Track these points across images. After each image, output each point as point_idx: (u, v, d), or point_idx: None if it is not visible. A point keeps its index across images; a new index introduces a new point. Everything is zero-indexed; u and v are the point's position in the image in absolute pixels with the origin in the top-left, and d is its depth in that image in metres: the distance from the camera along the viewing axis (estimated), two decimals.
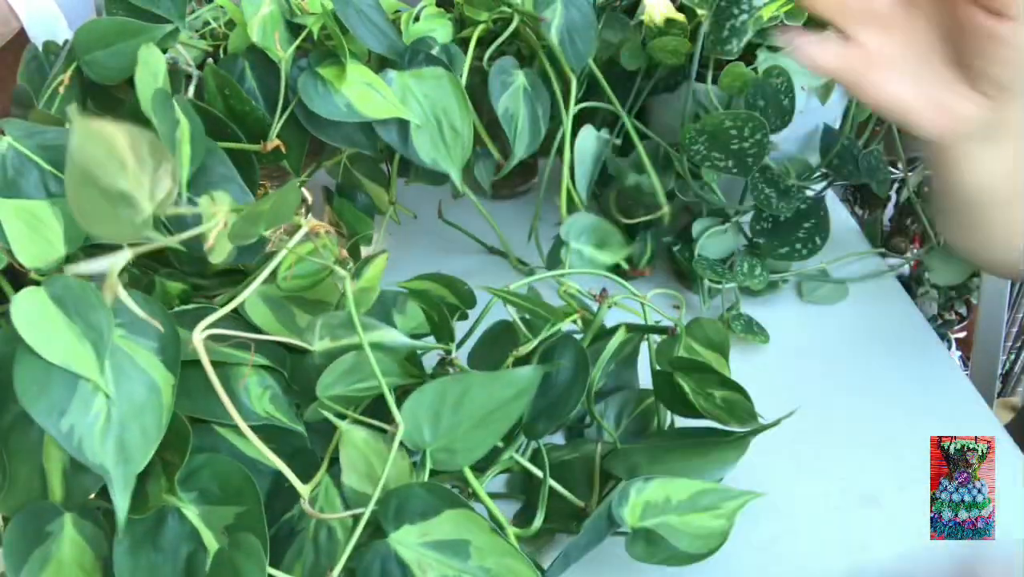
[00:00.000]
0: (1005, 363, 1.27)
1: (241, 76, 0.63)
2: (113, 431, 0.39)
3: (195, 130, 0.51)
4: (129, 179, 0.32)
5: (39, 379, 0.38)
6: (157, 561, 0.42)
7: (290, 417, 0.47)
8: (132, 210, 0.33)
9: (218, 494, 0.43)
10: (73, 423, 0.38)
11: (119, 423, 0.39)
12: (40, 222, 0.43)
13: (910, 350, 0.71)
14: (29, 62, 0.63)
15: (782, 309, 0.75)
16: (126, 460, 0.39)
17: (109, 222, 0.33)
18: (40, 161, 0.45)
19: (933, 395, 0.67)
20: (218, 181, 0.54)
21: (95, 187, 0.32)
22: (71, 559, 0.43)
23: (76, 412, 0.38)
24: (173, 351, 0.42)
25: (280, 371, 0.48)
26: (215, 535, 0.42)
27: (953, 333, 1.17)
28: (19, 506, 0.42)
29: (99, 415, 0.39)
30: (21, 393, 0.38)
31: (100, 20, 0.56)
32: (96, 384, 0.39)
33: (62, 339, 0.39)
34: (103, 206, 0.33)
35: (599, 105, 0.72)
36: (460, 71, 0.66)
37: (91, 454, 0.38)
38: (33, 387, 0.38)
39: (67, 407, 0.38)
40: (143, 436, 0.40)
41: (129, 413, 0.40)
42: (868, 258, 0.80)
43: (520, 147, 0.68)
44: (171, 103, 0.50)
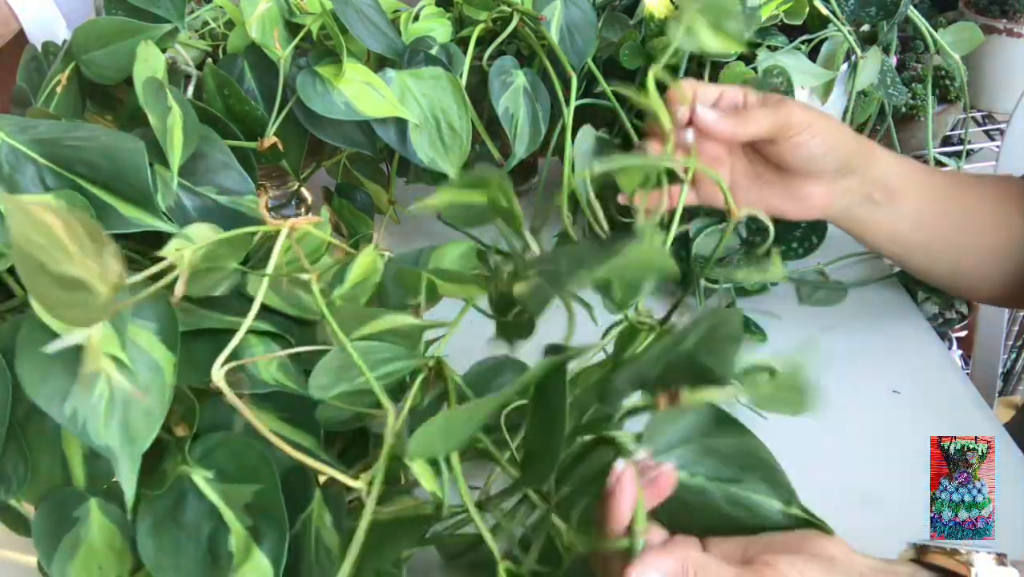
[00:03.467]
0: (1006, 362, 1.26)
1: (240, 76, 0.63)
2: (117, 412, 0.39)
3: (188, 118, 0.52)
4: (76, 265, 0.32)
5: (41, 366, 0.38)
6: (180, 539, 0.42)
7: (300, 384, 0.46)
8: (89, 294, 0.32)
9: (235, 473, 0.43)
10: (76, 406, 0.38)
11: (123, 404, 0.40)
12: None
13: (910, 350, 0.71)
14: (28, 62, 0.63)
15: (782, 310, 0.75)
16: (131, 440, 0.39)
17: (71, 307, 0.33)
18: (36, 156, 0.45)
19: (933, 395, 0.67)
20: (217, 168, 0.54)
21: (47, 275, 0.31)
22: (101, 542, 0.43)
23: (79, 395, 0.39)
24: (173, 332, 0.42)
25: (287, 338, 0.48)
26: (236, 514, 0.42)
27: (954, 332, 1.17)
28: (44, 494, 0.43)
29: (102, 397, 0.39)
30: (24, 380, 0.38)
31: (98, 20, 0.56)
32: (120, 360, 0.39)
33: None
34: (60, 293, 0.32)
35: (599, 103, 0.72)
36: (459, 71, 0.66)
37: (96, 436, 0.39)
38: (35, 374, 0.38)
39: (69, 391, 0.39)
40: (147, 416, 0.40)
41: (132, 393, 0.40)
42: (868, 260, 0.80)
43: (520, 147, 0.68)
44: (164, 92, 0.50)
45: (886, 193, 0.61)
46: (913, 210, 0.62)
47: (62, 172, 0.45)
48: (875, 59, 0.73)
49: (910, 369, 0.69)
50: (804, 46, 0.73)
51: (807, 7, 0.72)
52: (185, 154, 0.51)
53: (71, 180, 0.46)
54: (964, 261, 0.65)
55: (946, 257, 0.65)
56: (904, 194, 0.62)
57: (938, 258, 0.65)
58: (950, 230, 0.63)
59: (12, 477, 0.42)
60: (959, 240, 0.64)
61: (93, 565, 0.43)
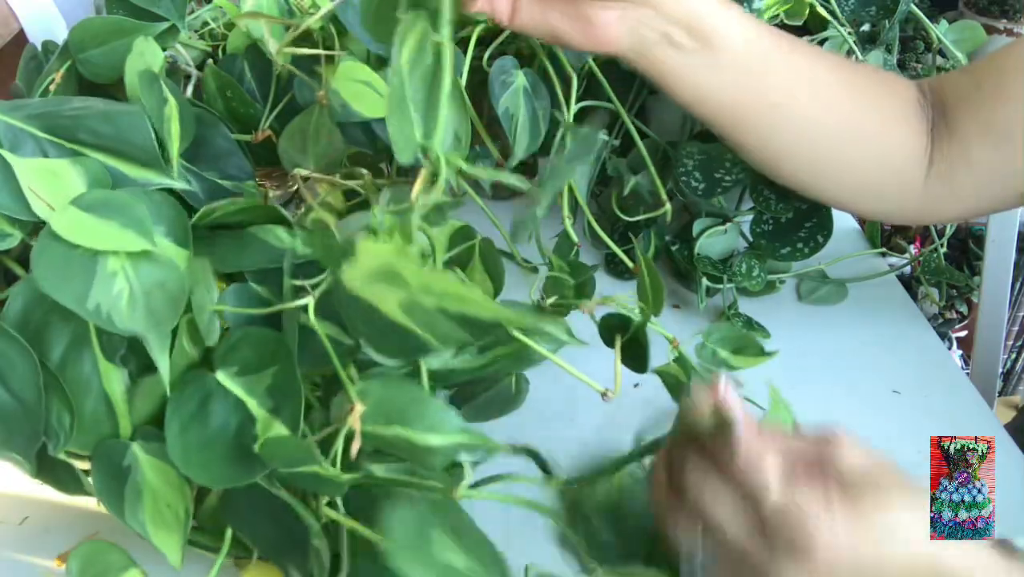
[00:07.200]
0: (1006, 362, 1.27)
1: (240, 76, 0.63)
2: (139, 302, 0.42)
3: (183, 108, 0.52)
4: None
5: (59, 268, 0.41)
6: (209, 436, 0.44)
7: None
8: None
9: (255, 362, 0.45)
10: (99, 301, 0.41)
11: (143, 294, 0.42)
12: (60, 179, 0.44)
13: (910, 350, 0.71)
14: (28, 62, 0.63)
15: (782, 309, 0.75)
16: (157, 322, 0.42)
17: None
18: (34, 130, 0.45)
19: (933, 395, 0.67)
20: (219, 155, 0.56)
21: None
22: (159, 482, 0.45)
23: (100, 292, 0.41)
24: (182, 231, 0.45)
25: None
26: (259, 401, 0.44)
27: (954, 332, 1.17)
28: (92, 440, 0.45)
29: (122, 292, 0.42)
30: (44, 285, 0.40)
31: (95, 19, 0.56)
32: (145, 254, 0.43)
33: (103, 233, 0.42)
34: None
35: (599, 104, 0.72)
36: (459, 71, 0.66)
37: (121, 323, 0.41)
38: (55, 276, 0.40)
39: (90, 289, 0.41)
40: (168, 300, 0.43)
41: (151, 285, 0.43)
42: (868, 258, 0.80)
43: (520, 147, 0.68)
44: (158, 82, 0.50)
45: (695, 37, 0.51)
46: (733, 65, 0.53)
47: (63, 143, 0.46)
48: (876, 60, 0.73)
49: (910, 369, 0.69)
50: None
51: (807, 7, 0.72)
52: (183, 144, 0.51)
53: (73, 149, 0.46)
54: (796, 148, 0.56)
55: (772, 138, 0.56)
56: (724, 44, 0.52)
57: (762, 138, 0.56)
58: (784, 100, 0.54)
59: (59, 430, 0.44)
60: (797, 118, 0.55)
61: (162, 505, 0.45)
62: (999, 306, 1.03)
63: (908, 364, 0.69)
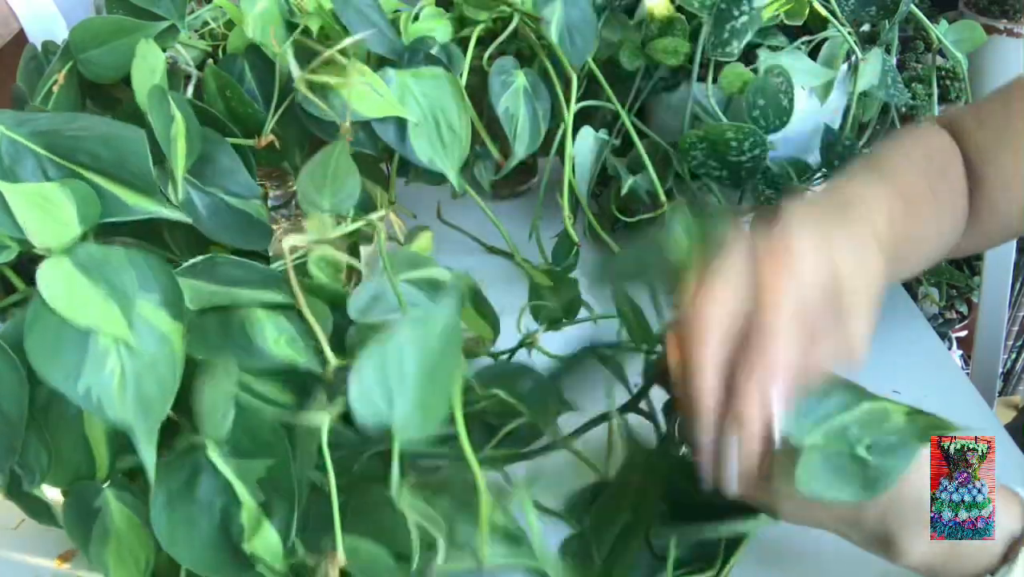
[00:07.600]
0: (1006, 362, 1.26)
1: (240, 76, 0.63)
2: (130, 386, 0.40)
3: (190, 125, 0.52)
4: None
5: (51, 344, 0.39)
6: (193, 513, 0.42)
7: (309, 358, 0.46)
8: None
9: (249, 447, 0.43)
10: (90, 384, 0.39)
11: (135, 377, 0.40)
12: (51, 204, 0.43)
13: (910, 350, 0.71)
14: (28, 62, 0.63)
15: None
16: (146, 412, 0.40)
17: None
18: (36, 147, 0.45)
19: (933, 395, 0.67)
20: (224, 172, 0.55)
21: None
22: (125, 528, 0.44)
23: (91, 372, 0.39)
24: (176, 301, 0.43)
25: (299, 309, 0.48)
26: (249, 489, 0.43)
27: (954, 332, 1.17)
28: (69, 478, 0.44)
29: (113, 373, 0.40)
30: (35, 361, 0.38)
31: (96, 18, 0.56)
32: (123, 340, 0.40)
33: (89, 302, 0.40)
34: None
35: (599, 104, 0.72)
36: (459, 71, 0.66)
37: (111, 411, 0.39)
38: (46, 353, 0.39)
39: (81, 369, 0.39)
40: (160, 386, 0.41)
41: (143, 366, 0.41)
42: None
43: (520, 147, 0.68)
44: (167, 100, 0.50)
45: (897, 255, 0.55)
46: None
47: (63, 163, 0.45)
48: (876, 60, 0.73)
49: (910, 369, 0.69)
50: (805, 46, 0.73)
51: (807, 7, 0.72)
52: (188, 162, 0.51)
53: (72, 170, 0.45)
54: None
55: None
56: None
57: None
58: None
59: (35, 467, 0.43)
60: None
61: (124, 550, 0.44)
62: (999, 306, 1.03)
63: (908, 364, 0.69)
